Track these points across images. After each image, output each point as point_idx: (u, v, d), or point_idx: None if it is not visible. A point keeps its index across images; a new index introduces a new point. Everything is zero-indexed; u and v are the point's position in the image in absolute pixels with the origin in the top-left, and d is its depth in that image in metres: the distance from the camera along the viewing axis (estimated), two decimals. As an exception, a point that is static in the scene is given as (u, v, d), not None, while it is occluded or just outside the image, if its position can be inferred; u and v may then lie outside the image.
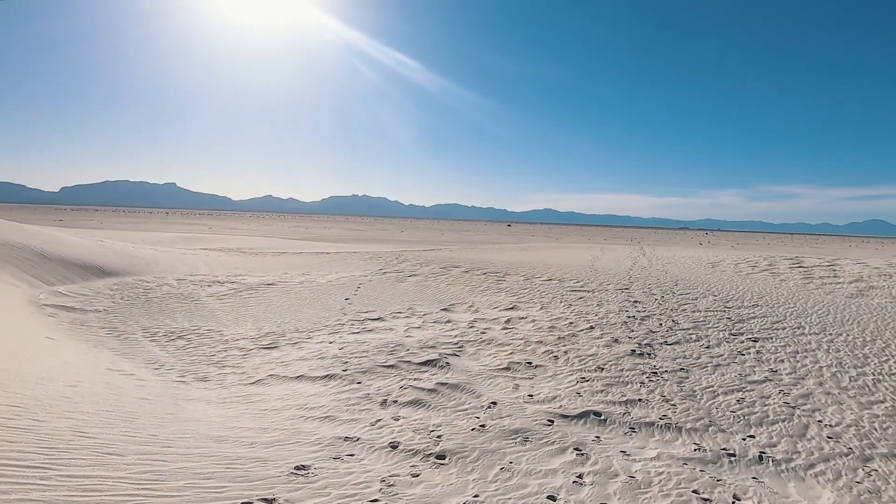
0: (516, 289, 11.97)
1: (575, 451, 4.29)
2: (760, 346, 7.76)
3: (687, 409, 5.38)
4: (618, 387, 5.93)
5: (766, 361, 7.08)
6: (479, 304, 10.46)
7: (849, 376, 6.59)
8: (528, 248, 25.43)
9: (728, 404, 5.54)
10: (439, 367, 6.35)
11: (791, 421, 5.18)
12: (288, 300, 10.39)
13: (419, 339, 7.65)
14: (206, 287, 11.13)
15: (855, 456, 4.52)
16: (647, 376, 6.30)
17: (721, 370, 6.65)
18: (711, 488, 3.81)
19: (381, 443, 4.24)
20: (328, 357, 6.76)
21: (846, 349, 7.78)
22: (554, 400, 5.47)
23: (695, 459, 4.28)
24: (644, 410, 5.31)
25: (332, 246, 27.25)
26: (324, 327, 8.49)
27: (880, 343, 8.16)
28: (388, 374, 6.09)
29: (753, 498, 3.73)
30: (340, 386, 5.70)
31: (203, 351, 7.12)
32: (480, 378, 6.09)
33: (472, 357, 6.92)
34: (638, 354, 7.14)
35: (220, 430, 4.29)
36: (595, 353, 7.14)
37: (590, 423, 4.94)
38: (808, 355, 7.41)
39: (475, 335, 8.00)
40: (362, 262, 16.37)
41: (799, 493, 3.90)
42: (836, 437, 4.87)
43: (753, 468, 4.23)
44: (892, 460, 4.47)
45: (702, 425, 4.99)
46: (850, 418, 5.32)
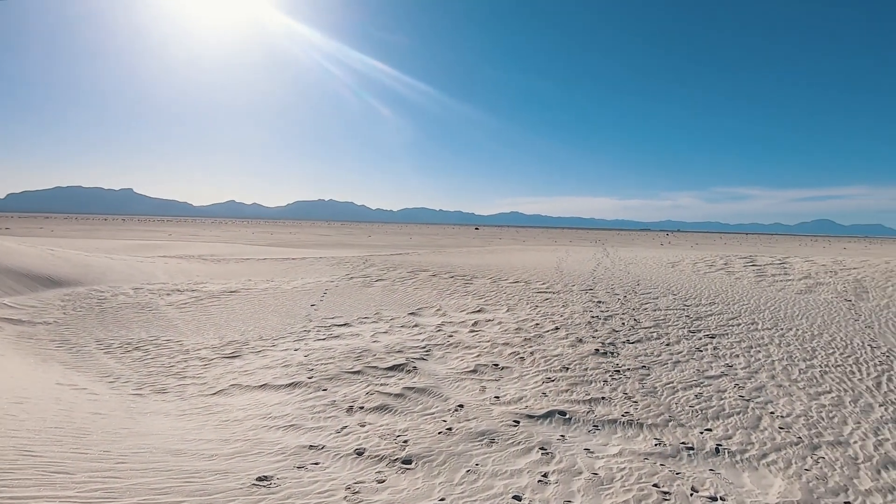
0: (483, 291, 12.05)
1: (540, 450, 4.35)
2: (717, 343, 8.05)
3: (648, 405, 5.52)
4: (582, 386, 6.04)
5: (722, 357, 7.34)
6: (447, 307, 10.48)
7: (798, 369, 6.91)
8: (496, 251, 25.63)
9: (687, 399, 5.72)
10: (406, 372, 6.32)
11: (745, 413, 5.39)
12: (251, 307, 10.16)
13: (386, 343, 7.61)
14: (165, 296, 10.77)
15: (804, 445, 4.74)
16: (611, 374, 6.44)
17: (680, 366, 6.87)
18: (671, 481, 3.92)
19: (347, 450, 4.19)
20: (293, 365, 6.65)
21: (796, 343, 8.15)
22: (520, 401, 5.52)
23: (655, 454, 4.40)
24: (607, 408, 5.42)
25: (297, 251, 26.80)
26: (289, 334, 8.34)
27: (827, 336, 8.58)
28: (354, 380, 6.03)
29: (710, 489, 3.86)
30: (306, 394, 5.60)
31: (161, 362, 6.89)
32: (448, 381, 6.10)
33: (439, 361, 6.92)
34: (601, 353, 7.29)
35: (179, 443, 4.15)
36: (560, 354, 7.25)
37: (555, 422, 5.02)
38: (762, 350, 7.73)
39: (442, 339, 8.00)
40: (329, 267, 16.15)
41: (752, 482, 4.06)
42: (786, 427, 5.09)
43: (710, 460, 4.38)
44: (838, 447, 4.71)
45: (662, 420, 5.13)
46: (800, 409, 5.58)
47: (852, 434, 5.01)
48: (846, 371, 6.92)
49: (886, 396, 6.08)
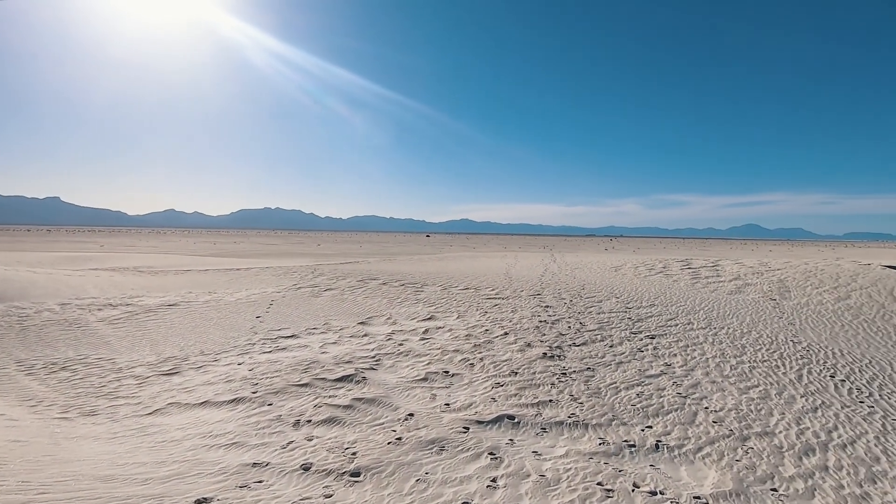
0: (434, 299, 12.07)
1: (489, 455, 4.39)
2: (657, 343, 8.42)
3: (593, 405, 5.70)
4: (530, 389, 6.16)
5: (661, 356, 7.69)
6: (397, 315, 10.42)
7: (730, 365, 7.34)
8: (446, 258, 25.75)
9: (629, 398, 5.95)
10: (356, 383, 6.23)
11: (683, 409, 5.66)
12: (192, 321, 9.71)
13: (335, 354, 7.47)
14: (96, 311, 10.12)
15: (735, 437, 5.03)
16: (558, 377, 6.60)
17: (623, 367, 7.13)
18: (614, 479, 4.06)
19: (293, 465, 4.07)
20: (236, 379, 6.40)
21: (728, 341, 8.65)
22: (470, 407, 5.56)
23: (600, 453, 4.54)
24: (554, 410, 5.55)
25: (242, 262, 25.90)
26: (232, 348, 8.03)
27: (755, 334, 9.17)
28: (301, 393, 5.88)
29: (651, 484, 4.02)
30: (249, 409, 5.41)
31: (91, 382, 6.45)
32: (398, 390, 6.06)
33: (389, 370, 6.87)
34: (549, 357, 7.46)
35: (109, 468, 3.90)
36: (509, 359, 7.36)
37: (504, 426, 5.08)
38: (697, 348, 8.16)
39: (393, 347, 7.95)
40: (275, 277, 15.70)
41: (689, 475, 4.26)
42: (719, 421, 5.39)
43: (651, 456, 4.57)
44: (765, 438, 5.03)
45: (606, 420, 5.31)
46: (732, 403, 5.92)
47: (777, 424, 5.36)
48: (772, 366, 7.41)
49: (807, 388, 6.56)
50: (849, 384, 6.82)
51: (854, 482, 4.23)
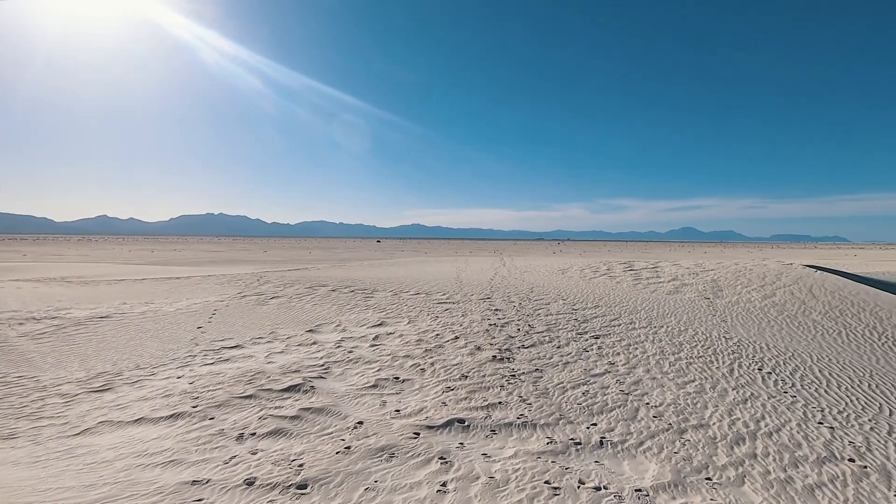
0: (384, 305, 11.98)
1: (439, 460, 4.39)
2: (601, 343, 8.71)
3: (541, 406, 5.82)
4: (480, 392, 6.22)
5: (605, 356, 7.96)
6: (347, 322, 10.26)
7: (668, 362, 7.69)
8: (397, 264, 25.63)
9: (575, 398, 6.12)
10: (303, 392, 6.08)
11: (625, 406, 5.88)
12: (126, 334, 9.17)
13: (282, 364, 7.26)
14: (18, 325, 9.37)
15: (673, 430, 5.27)
16: (507, 379, 6.70)
17: (570, 367, 7.33)
18: (560, 476, 4.16)
19: (236, 481, 3.92)
20: (175, 394, 6.10)
21: (667, 339, 9.07)
22: (420, 412, 5.55)
23: (547, 452, 4.65)
24: (504, 412, 5.63)
25: (182, 270, 24.74)
26: (171, 361, 7.65)
27: (691, 331, 9.67)
28: (245, 405, 5.67)
29: (595, 480, 4.15)
30: (189, 424, 5.16)
31: (10, 402, 5.96)
32: (347, 398, 5.97)
33: (338, 378, 6.75)
34: (499, 360, 7.56)
35: (30, 494, 3.62)
36: (460, 362, 7.41)
37: (454, 430, 5.11)
38: (638, 347, 8.50)
39: (342, 355, 7.82)
40: (218, 285, 15.10)
41: (631, 469, 4.43)
42: (659, 415, 5.63)
43: (596, 453, 4.72)
44: (701, 430, 5.30)
45: (553, 419, 5.43)
46: (670, 398, 6.20)
47: (712, 416, 5.67)
48: (706, 361, 7.83)
49: (738, 381, 6.97)
50: (774, 376, 7.30)
51: (779, 467, 4.53)
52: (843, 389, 6.94)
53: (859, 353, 9.10)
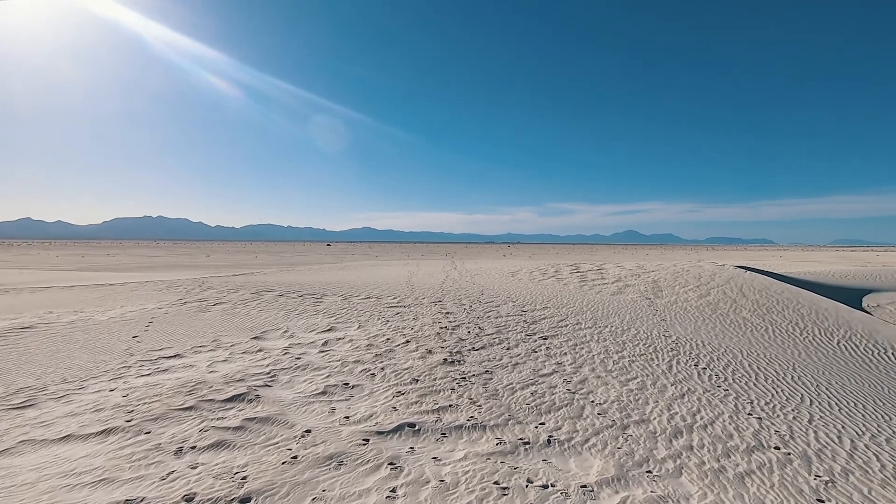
0: (334, 309, 11.77)
1: (389, 465, 4.35)
2: (549, 343, 8.92)
3: (491, 407, 5.89)
4: (431, 396, 6.21)
5: (553, 356, 8.16)
6: (295, 328, 10.00)
7: (612, 360, 7.98)
8: (347, 267, 25.26)
9: (524, 398, 6.23)
10: (248, 402, 5.87)
11: (572, 405, 6.05)
12: (52, 345, 8.55)
13: (225, 373, 6.98)
14: (-77, 339, 8.53)
15: (617, 426, 5.46)
16: (458, 382, 6.74)
17: (519, 368, 7.46)
18: (509, 476, 4.22)
19: (174, 498, 3.72)
20: (107, 408, 5.73)
21: (611, 338, 9.41)
22: (371, 418, 5.48)
23: (497, 453, 4.70)
24: (454, 415, 5.65)
25: (117, 276, 23.37)
26: (103, 373, 7.18)
27: (633, 331, 10.07)
28: (185, 417, 5.41)
29: (543, 478, 4.24)
30: (123, 440, 4.87)
31: (-86, 424, 5.41)
32: (294, 407, 5.81)
33: (285, 386, 6.56)
34: (449, 363, 7.59)
35: (-62, 524, 3.30)
36: (410, 366, 7.38)
37: (404, 435, 5.08)
38: (584, 346, 8.77)
39: (289, 362, 7.61)
40: (156, 292, 14.35)
41: (577, 466, 4.56)
42: (603, 413, 5.82)
43: (543, 451, 4.81)
44: (642, 425, 5.52)
45: (503, 420, 5.51)
46: (614, 395, 6.43)
47: (652, 412, 5.92)
48: (648, 359, 8.17)
49: (676, 377, 7.32)
50: (709, 371, 7.72)
51: (713, 458, 4.79)
52: (769, 382, 7.43)
53: (783, 348, 9.78)
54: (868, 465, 4.79)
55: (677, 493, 4.12)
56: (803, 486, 4.30)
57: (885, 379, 8.49)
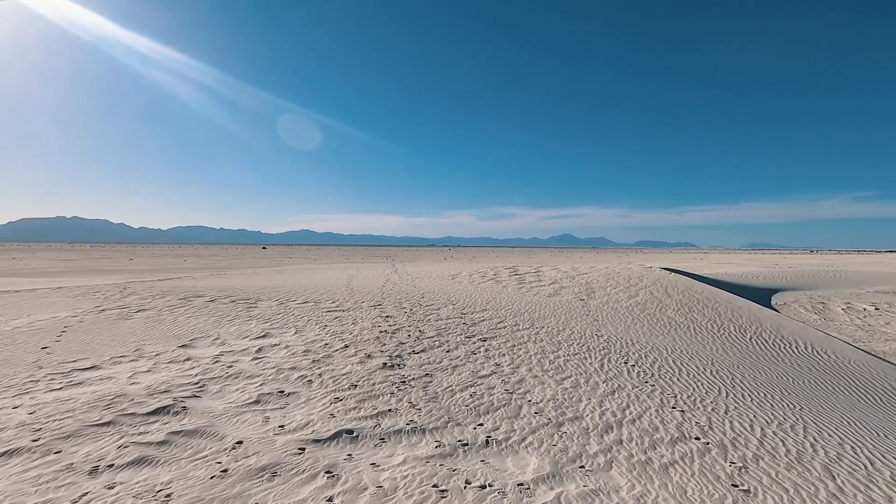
0: (269, 315, 11.36)
1: (326, 474, 4.25)
2: (488, 345, 9.06)
3: (430, 410, 5.89)
4: (370, 401, 6.13)
5: (492, 357, 8.29)
6: (226, 335, 9.56)
7: (548, 360, 8.21)
8: (284, 271, 24.48)
9: (463, 399, 6.28)
10: (173, 414, 5.54)
11: (510, 405, 6.16)
12: (-57, 359, 7.68)
13: (148, 384, 6.55)
14: None
15: (552, 424, 5.62)
16: (397, 386, 6.69)
17: (458, 370, 7.52)
18: (448, 479, 4.24)
19: (88, 521, 3.45)
20: (11, 427, 5.21)
21: (547, 339, 9.69)
22: (307, 426, 5.33)
23: (436, 456, 4.71)
24: (394, 419, 5.60)
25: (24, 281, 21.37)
26: (6, 389, 6.53)
27: (568, 331, 10.43)
28: (101, 434, 5.02)
29: (481, 479, 4.29)
30: (28, 461, 4.44)
31: None
32: (225, 417, 5.54)
33: (215, 396, 6.25)
34: (389, 367, 7.52)
35: None
36: (349, 372, 7.25)
37: (342, 442, 4.97)
38: (522, 347, 8.98)
39: (220, 370, 7.26)
40: (70, 299, 13.26)
41: (514, 465, 4.65)
42: (540, 411, 5.98)
43: (482, 452, 4.87)
44: (576, 422, 5.72)
45: (442, 423, 5.52)
46: (550, 394, 6.62)
47: (585, 409, 6.14)
48: (581, 357, 8.49)
49: (607, 374, 7.65)
50: (638, 368, 8.13)
51: (640, 450, 5.04)
52: (691, 376, 7.93)
53: (703, 344, 10.47)
54: (775, 450, 5.22)
55: (608, 485, 4.30)
56: (720, 472, 4.61)
57: (790, 370, 9.28)
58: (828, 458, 5.12)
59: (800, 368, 9.53)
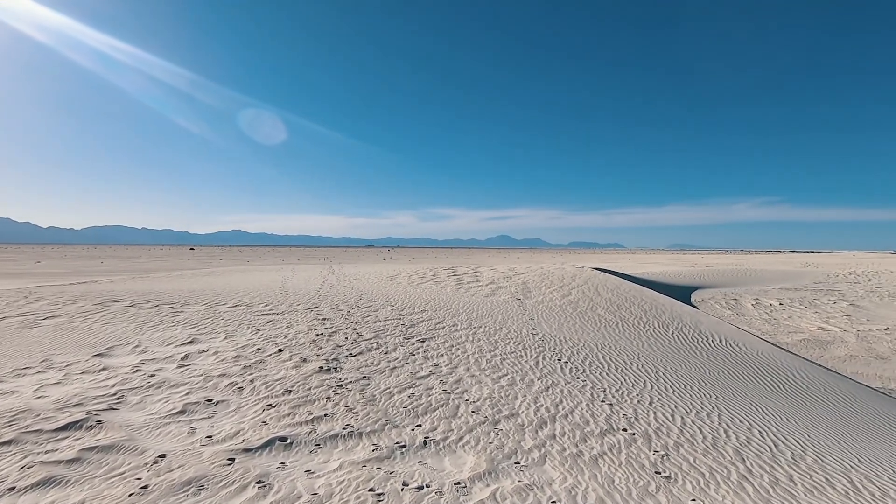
0: (196, 319, 10.78)
1: (257, 484, 4.09)
2: (427, 346, 9.08)
3: (368, 413, 5.82)
4: (305, 406, 5.97)
5: (430, 358, 8.31)
6: (149, 342, 8.97)
7: (486, 359, 8.35)
8: (214, 273, 23.33)
9: (401, 401, 6.25)
10: (86, 429, 5.12)
11: (448, 405, 6.21)
12: None
13: (58, 398, 6.01)
14: None
15: (489, 422, 5.72)
16: (333, 390, 6.56)
17: (397, 372, 7.48)
18: (385, 482, 4.20)
19: (-17, 552, 3.12)
20: None
21: (484, 338, 9.85)
22: (237, 435, 5.10)
23: (373, 459, 4.65)
24: (330, 424, 5.48)
25: None
26: None
27: (505, 330, 10.66)
28: (2, 453, 4.56)
29: (418, 480, 4.28)
30: (-90, 489, 3.96)
31: None
32: (146, 430, 5.20)
33: (135, 407, 5.85)
34: (325, 370, 7.36)
35: None
36: (283, 377, 7.02)
37: (275, 450, 4.81)
38: (460, 347, 9.07)
39: (141, 380, 6.80)
40: (-36, 306, 11.93)
41: (452, 464, 4.68)
42: (477, 410, 6.07)
43: (420, 453, 4.87)
44: (511, 419, 5.84)
45: (380, 426, 5.47)
46: (486, 392, 6.73)
47: (521, 406, 6.30)
48: (517, 356, 8.70)
49: (542, 371, 7.89)
50: (570, 365, 8.44)
51: (572, 444, 5.23)
52: (619, 371, 8.33)
53: (630, 340, 11.05)
54: (693, 437, 5.59)
55: (542, 479, 4.43)
56: (644, 461, 4.88)
57: (706, 363, 9.99)
58: (738, 442, 5.55)
59: (715, 360, 10.27)
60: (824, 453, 5.50)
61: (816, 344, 13.79)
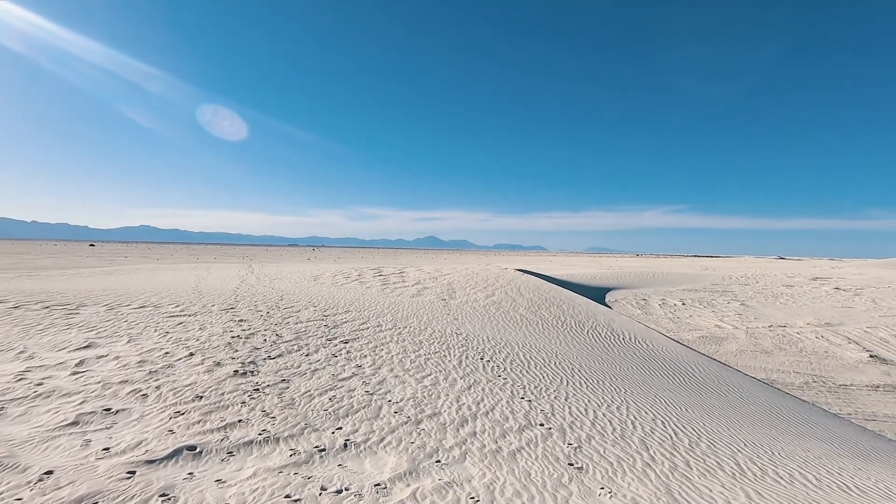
0: (95, 322, 9.87)
1: (160, 497, 3.81)
2: (350, 347, 8.92)
3: (286, 417, 5.61)
4: (217, 412, 5.65)
5: (353, 359, 8.17)
6: (36, 347, 8.09)
7: (410, 359, 8.35)
8: (117, 272, 21.49)
9: (322, 404, 6.09)
10: (-45, 446, 4.52)
11: (370, 406, 6.13)
12: None
13: (-82, 412, 5.27)
14: None
15: (411, 422, 5.72)
16: (249, 395, 6.26)
17: (318, 374, 7.28)
18: (302, 487, 4.08)
19: None
20: None
21: (409, 338, 9.84)
22: (139, 446, 4.73)
23: (290, 465, 4.50)
24: (244, 430, 5.23)
25: None
26: None
27: (430, 330, 10.71)
28: None
29: (337, 483, 4.20)
30: None
31: None
32: (30, 445, 4.68)
33: (17, 420, 5.25)
34: (241, 374, 7.01)
35: None
36: (194, 382, 6.60)
37: (182, 460, 4.51)
38: (384, 348, 9.00)
39: (26, 389, 6.11)
40: None
41: (372, 466, 4.63)
42: (399, 410, 6.05)
43: (340, 456, 4.77)
44: (434, 418, 5.89)
45: (298, 430, 5.30)
46: (410, 393, 6.73)
47: (443, 405, 6.36)
48: (441, 356, 8.77)
49: (465, 370, 8.01)
50: (492, 363, 8.64)
51: (492, 440, 5.36)
52: (538, 369, 8.65)
53: (549, 339, 11.51)
54: (604, 430, 5.93)
55: (461, 476, 4.50)
56: (559, 453, 5.10)
57: (618, 359, 10.63)
58: (643, 432, 5.96)
59: (625, 356, 10.96)
60: (716, 439, 6.04)
61: (713, 340, 15.11)
